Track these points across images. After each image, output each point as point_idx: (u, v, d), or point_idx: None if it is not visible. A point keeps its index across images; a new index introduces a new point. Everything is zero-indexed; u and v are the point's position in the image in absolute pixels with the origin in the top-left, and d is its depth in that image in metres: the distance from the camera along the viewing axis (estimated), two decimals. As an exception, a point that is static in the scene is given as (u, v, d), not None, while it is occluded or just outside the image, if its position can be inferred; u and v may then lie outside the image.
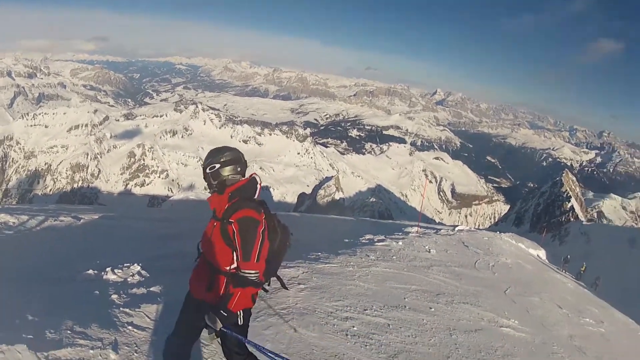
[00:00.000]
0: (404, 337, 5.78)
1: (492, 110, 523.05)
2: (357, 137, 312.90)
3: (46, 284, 5.64)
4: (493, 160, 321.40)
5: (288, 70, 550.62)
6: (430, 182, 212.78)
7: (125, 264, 6.36)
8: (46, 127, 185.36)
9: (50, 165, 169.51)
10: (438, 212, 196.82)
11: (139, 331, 4.47)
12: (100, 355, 3.93)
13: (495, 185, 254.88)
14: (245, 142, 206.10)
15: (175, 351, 3.57)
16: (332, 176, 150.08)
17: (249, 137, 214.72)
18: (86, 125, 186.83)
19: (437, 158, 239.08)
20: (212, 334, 4.51)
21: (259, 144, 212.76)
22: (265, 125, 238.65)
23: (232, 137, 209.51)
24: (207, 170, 3.44)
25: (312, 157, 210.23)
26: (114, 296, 5.18)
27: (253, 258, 3.20)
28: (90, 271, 6.06)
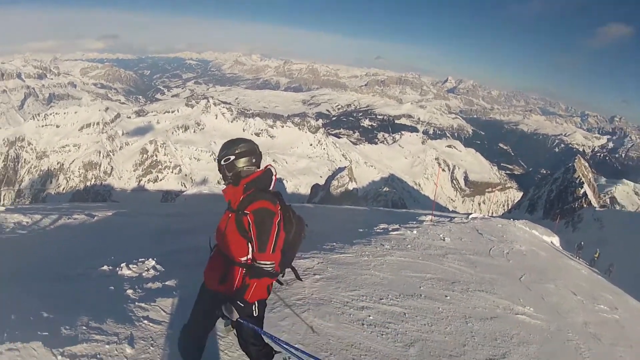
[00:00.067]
0: (420, 326, 5.75)
1: (503, 97, 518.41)
2: (369, 127, 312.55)
3: (61, 281, 5.67)
4: (505, 147, 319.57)
5: (299, 62, 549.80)
6: (443, 170, 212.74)
7: (139, 259, 6.39)
8: (57, 126, 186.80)
9: (63, 165, 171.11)
10: (451, 200, 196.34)
11: (154, 325, 4.48)
12: (116, 350, 3.94)
13: (508, 172, 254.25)
14: (257, 134, 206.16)
15: (190, 340, 3.59)
16: (345, 167, 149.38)
17: (261, 130, 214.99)
18: (98, 124, 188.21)
19: (449, 146, 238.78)
20: (229, 326, 4.52)
21: (271, 137, 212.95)
22: (277, 117, 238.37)
23: (244, 130, 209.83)
24: (222, 162, 3.44)
25: (324, 148, 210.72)
26: (129, 291, 5.19)
27: (269, 249, 3.20)
28: (105, 267, 6.10)
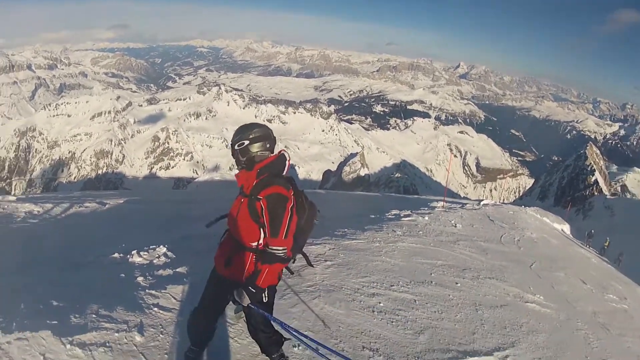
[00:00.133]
0: (430, 313, 5.73)
1: (515, 83, 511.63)
2: (382, 113, 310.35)
3: (71, 269, 5.69)
4: (517, 134, 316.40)
5: (310, 48, 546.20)
6: (455, 156, 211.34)
7: (150, 246, 6.39)
8: (69, 116, 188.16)
9: (74, 153, 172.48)
10: (463, 186, 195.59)
11: (165, 312, 4.49)
12: (126, 337, 3.96)
13: (519, 158, 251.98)
14: (269, 121, 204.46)
15: (199, 324, 3.62)
16: (357, 152, 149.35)
17: (273, 116, 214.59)
18: (109, 112, 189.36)
19: (461, 132, 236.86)
20: (239, 313, 4.53)
21: (283, 123, 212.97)
22: (289, 103, 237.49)
23: (256, 116, 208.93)
24: (236, 147, 3.42)
25: (336, 134, 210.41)
26: (140, 278, 5.21)
27: (281, 234, 3.19)
28: (115, 254, 6.11)
